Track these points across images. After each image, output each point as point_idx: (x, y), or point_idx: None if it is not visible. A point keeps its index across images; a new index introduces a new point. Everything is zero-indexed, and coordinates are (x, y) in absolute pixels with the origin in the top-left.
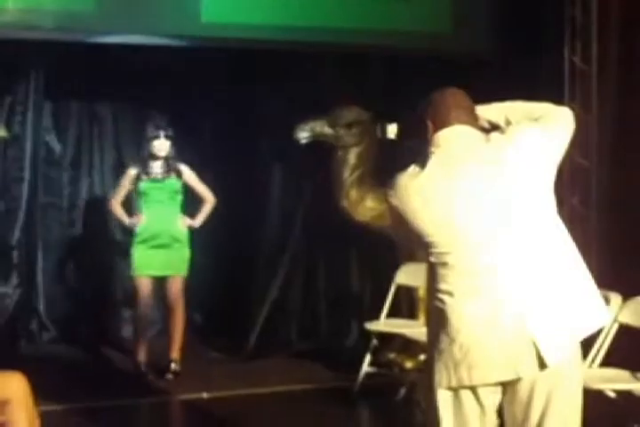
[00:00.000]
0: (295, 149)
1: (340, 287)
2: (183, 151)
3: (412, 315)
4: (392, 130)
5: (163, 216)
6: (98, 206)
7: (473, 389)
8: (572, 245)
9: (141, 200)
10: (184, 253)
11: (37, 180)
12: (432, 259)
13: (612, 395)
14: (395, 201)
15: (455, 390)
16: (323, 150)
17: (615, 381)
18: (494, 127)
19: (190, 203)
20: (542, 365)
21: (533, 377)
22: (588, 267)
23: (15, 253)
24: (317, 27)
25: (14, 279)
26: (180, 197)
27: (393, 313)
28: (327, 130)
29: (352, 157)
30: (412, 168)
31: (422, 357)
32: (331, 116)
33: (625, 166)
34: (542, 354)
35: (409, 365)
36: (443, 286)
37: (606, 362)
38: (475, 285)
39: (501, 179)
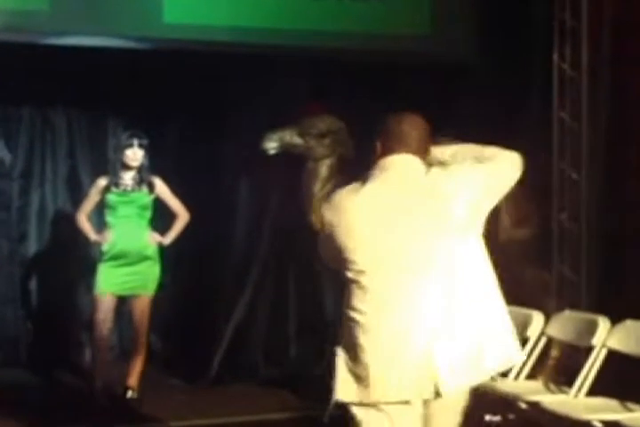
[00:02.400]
0: (263, 160)
1: (311, 308)
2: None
3: None
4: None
5: (130, 233)
6: (50, 220)
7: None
8: (493, 279)
9: (108, 214)
10: (154, 271)
11: None
12: (349, 276)
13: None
14: (328, 215)
15: (366, 406)
16: (292, 161)
17: (603, 411)
18: (441, 163)
19: (157, 217)
20: (438, 393)
21: (428, 402)
22: (577, 289)
23: None
24: (287, 29)
25: None
26: (148, 213)
27: None
28: (297, 140)
29: (324, 169)
30: (352, 186)
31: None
32: (301, 124)
33: (616, 179)
34: (440, 382)
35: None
36: (355, 303)
37: (593, 389)
38: (386, 308)
39: (431, 211)
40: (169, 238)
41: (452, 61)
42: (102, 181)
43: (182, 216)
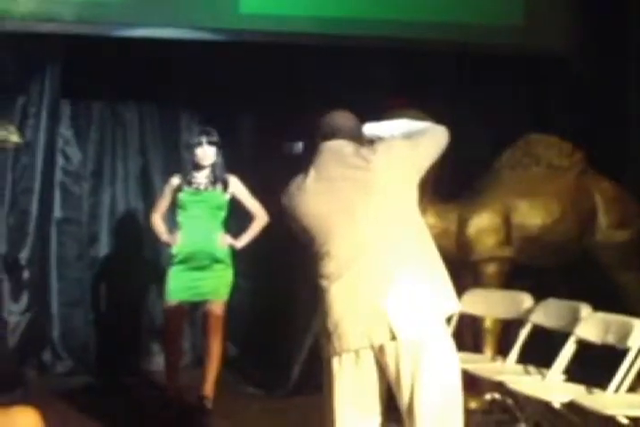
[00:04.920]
0: None
1: None
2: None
3: (476, 348)
4: (297, 147)
5: (201, 234)
6: (121, 221)
7: (356, 353)
8: (431, 241)
9: (179, 214)
10: (227, 275)
11: (52, 191)
12: (314, 249)
13: (625, 422)
14: (285, 201)
15: (340, 356)
16: None
17: (631, 406)
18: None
19: (234, 218)
20: (393, 337)
21: (396, 347)
22: None
23: (26, 273)
24: (371, 19)
25: (24, 301)
26: (222, 213)
27: (456, 345)
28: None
29: None
30: (300, 175)
31: (489, 396)
32: (387, 119)
33: None
34: (392, 326)
35: (473, 405)
36: (320, 271)
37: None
38: (341, 268)
39: (365, 180)
40: (243, 241)
41: (545, 53)
42: (175, 180)
43: (260, 218)
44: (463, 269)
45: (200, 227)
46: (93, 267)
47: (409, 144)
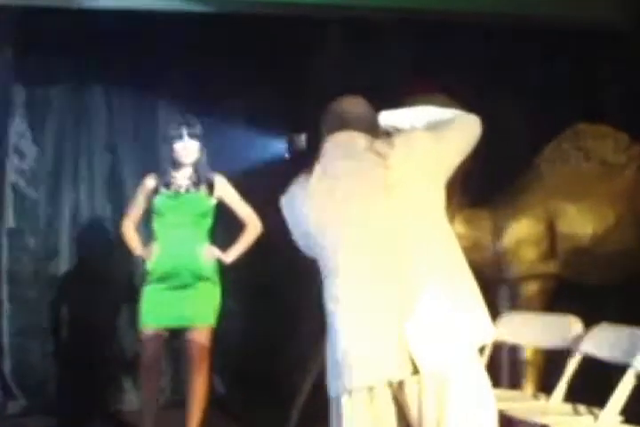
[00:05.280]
0: None
1: None
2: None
3: (515, 383)
4: (300, 141)
5: (182, 246)
6: (86, 231)
7: (370, 390)
8: (460, 253)
9: (156, 223)
10: (213, 296)
11: (3, 195)
12: (321, 264)
13: None
14: (284, 204)
15: (351, 395)
16: None
17: None
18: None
19: (220, 226)
20: (416, 370)
21: (418, 383)
22: None
23: None
24: None
25: None
26: (207, 221)
27: (491, 380)
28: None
29: None
30: (303, 175)
31: None
32: (405, 106)
33: None
34: (414, 358)
35: None
36: (327, 291)
37: None
38: (352, 288)
39: (381, 180)
40: (232, 255)
41: (598, 27)
42: (151, 181)
43: (252, 226)
44: (498, 288)
45: (181, 238)
46: (52, 287)
47: (433, 136)
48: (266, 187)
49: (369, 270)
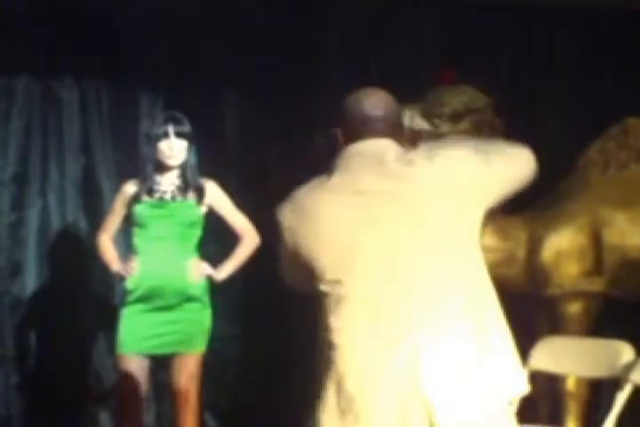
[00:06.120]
0: None
1: None
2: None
3: (554, 419)
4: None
5: (167, 262)
6: (55, 244)
7: None
8: (491, 290)
9: (137, 235)
10: (202, 318)
11: None
12: (322, 289)
13: None
14: (289, 218)
15: None
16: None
17: None
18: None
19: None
20: (432, 422)
21: None
22: None
23: None
24: None
25: None
26: (196, 232)
27: (527, 415)
28: (421, 123)
29: None
30: (315, 182)
31: None
32: (426, 100)
33: None
34: (430, 408)
35: None
36: (331, 321)
37: None
38: (360, 320)
39: (409, 196)
40: (225, 271)
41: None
42: (130, 187)
43: (248, 238)
44: (535, 308)
45: (165, 252)
46: (17, 309)
47: (480, 158)
48: (260, 194)
49: (382, 302)
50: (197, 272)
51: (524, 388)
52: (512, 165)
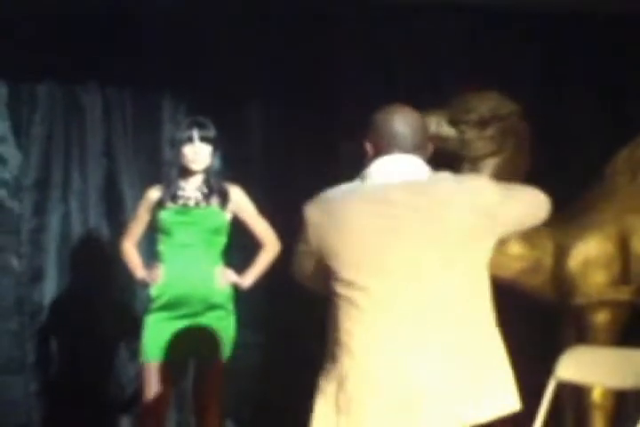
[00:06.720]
0: None
1: None
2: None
3: None
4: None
5: (192, 269)
6: (77, 250)
7: None
8: (492, 316)
9: (161, 242)
10: (227, 326)
11: None
12: (340, 292)
13: None
14: (316, 215)
15: None
16: (441, 162)
17: None
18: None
19: (235, 245)
20: None
21: None
22: None
23: None
24: None
25: None
26: (221, 239)
27: (552, 426)
28: (447, 130)
29: (487, 172)
30: (346, 186)
31: None
32: (453, 106)
33: None
34: (424, 416)
35: None
36: (347, 325)
37: None
38: (380, 326)
39: (436, 219)
40: (250, 278)
41: None
42: (154, 193)
43: (270, 245)
44: (561, 317)
45: (191, 259)
46: (37, 315)
47: (501, 192)
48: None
49: (397, 308)
50: (223, 280)
51: (513, 407)
52: (529, 203)
